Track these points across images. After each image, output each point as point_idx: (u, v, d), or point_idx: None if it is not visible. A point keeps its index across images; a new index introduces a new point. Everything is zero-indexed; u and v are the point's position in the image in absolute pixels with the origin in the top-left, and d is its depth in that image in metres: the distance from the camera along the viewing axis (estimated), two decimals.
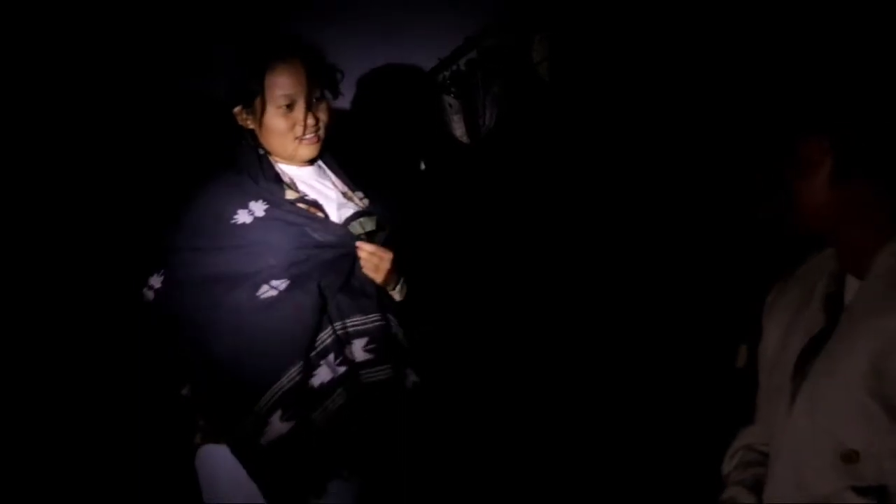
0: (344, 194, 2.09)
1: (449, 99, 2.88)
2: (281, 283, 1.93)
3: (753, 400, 1.68)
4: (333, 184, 2.11)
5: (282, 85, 1.98)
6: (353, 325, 1.96)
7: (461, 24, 2.86)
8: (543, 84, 2.81)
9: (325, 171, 2.12)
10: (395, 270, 2.03)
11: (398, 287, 2.06)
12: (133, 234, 2.32)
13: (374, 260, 1.99)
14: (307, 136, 2.01)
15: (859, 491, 1.38)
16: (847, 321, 1.46)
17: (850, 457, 1.40)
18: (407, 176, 2.89)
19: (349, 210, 2.07)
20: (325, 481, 1.92)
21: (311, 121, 2.00)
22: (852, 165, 1.44)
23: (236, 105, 2.02)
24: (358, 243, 2.00)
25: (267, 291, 1.92)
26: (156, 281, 1.98)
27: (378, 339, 1.96)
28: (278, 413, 1.88)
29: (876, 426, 1.38)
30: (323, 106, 2.03)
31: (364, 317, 1.97)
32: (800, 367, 1.52)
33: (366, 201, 2.10)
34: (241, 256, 1.94)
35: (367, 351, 1.95)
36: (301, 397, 1.89)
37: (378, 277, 2.00)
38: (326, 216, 2.03)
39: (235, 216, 1.97)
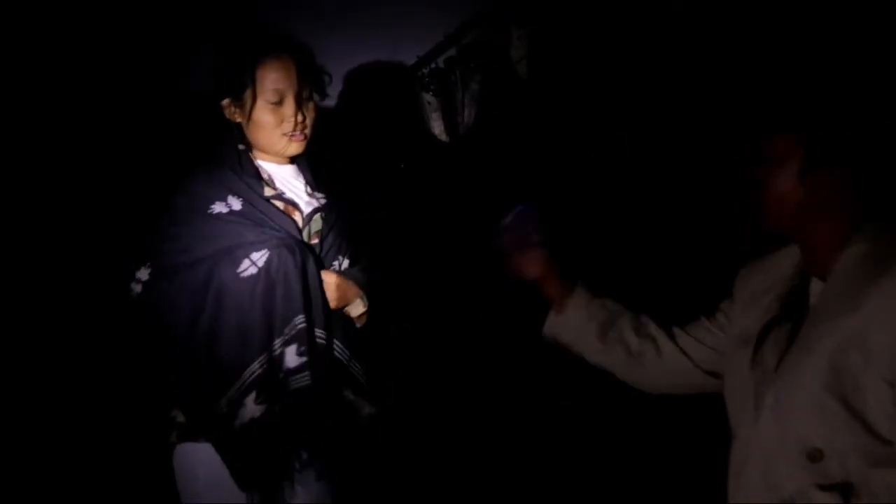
0: (309, 193, 2.11)
1: (428, 97, 2.88)
2: (260, 258, 1.94)
3: None
4: (305, 182, 2.12)
5: (272, 79, 1.99)
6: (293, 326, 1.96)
7: (440, 21, 2.86)
8: (522, 82, 2.81)
9: (300, 171, 2.13)
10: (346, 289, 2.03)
11: (358, 303, 2.05)
12: (118, 229, 2.29)
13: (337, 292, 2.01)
14: (295, 133, 2.02)
15: (824, 488, 1.40)
16: (810, 323, 1.49)
17: (814, 455, 1.42)
18: (385, 174, 2.88)
19: (311, 207, 2.09)
20: (291, 467, 1.93)
21: (299, 117, 2.01)
22: (820, 161, 1.47)
23: (224, 97, 2.03)
24: (324, 275, 2.01)
25: (248, 268, 1.93)
26: (143, 274, 1.98)
27: (306, 345, 1.95)
28: (252, 395, 1.89)
29: (835, 423, 1.40)
30: (311, 105, 2.05)
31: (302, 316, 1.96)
32: (769, 370, 1.55)
33: (322, 199, 2.11)
34: (219, 241, 1.96)
35: (299, 355, 1.94)
36: (274, 381, 1.91)
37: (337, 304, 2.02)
38: (302, 213, 2.06)
39: (212, 206, 1.99)
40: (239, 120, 2.04)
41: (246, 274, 1.93)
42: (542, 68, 2.78)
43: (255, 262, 1.94)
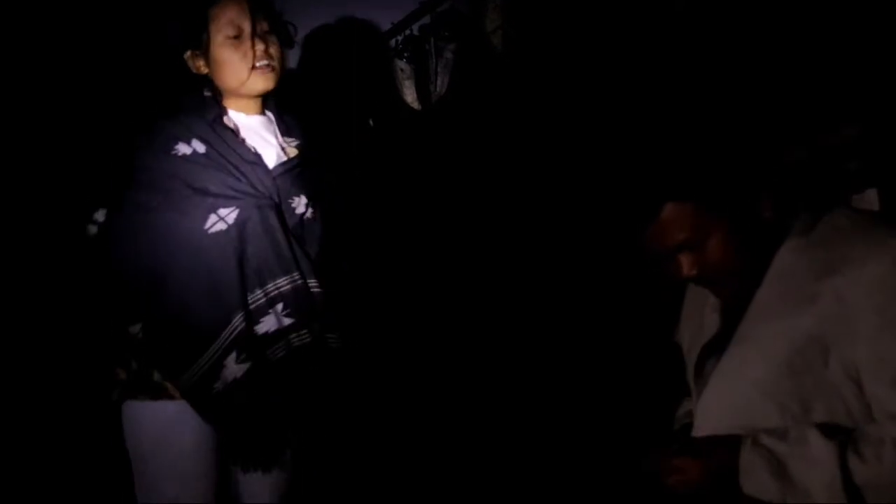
0: (282, 148, 2.07)
1: (401, 64, 2.87)
2: (228, 215, 1.91)
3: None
4: (275, 135, 2.08)
5: (226, 15, 1.96)
6: (275, 288, 1.94)
7: None
8: (495, 53, 2.81)
9: (271, 123, 2.09)
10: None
11: None
12: (75, 172, 2.21)
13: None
14: (260, 64, 1.98)
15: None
16: (750, 322, 1.49)
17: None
18: (355, 137, 2.87)
19: (281, 160, 2.04)
20: (282, 430, 1.91)
21: (260, 46, 1.97)
22: (745, 213, 1.47)
23: (186, 50, 2.00)
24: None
25: (216, 224, 1.90)
26: (100, 215, 1.94)
27: (295, 302, 1.94)
28: (233, 356, 1.87)
29: (787, 414, 1.43)
30: (273, 39, 2.01)
31: (288, 276, 1.95)
32: (699, 370, 1.59)
33: (295, 145, 2.08)
34: (182, 185, 1.92)
35: (286, 316, 1.93)
36: (254, 340, 1.88)
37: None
38: (265, 167, 2.00)
39: (176, 147, 1.95)
40: (205, 71, 2.01)
41: (214, 230, 1.90)
42: (516, 39, 2.78)
43: (223, 217, 1.90)
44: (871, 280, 1.37)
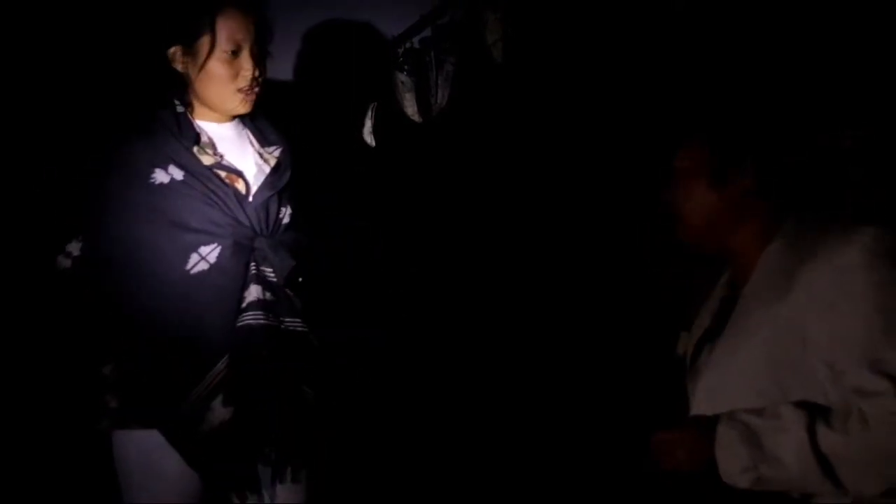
0: (260, 154, 2.04)
1: (401, 76, 2.86)
2: (211, 253, 1.88)
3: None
4: (251, 141, 2.05)
5: (232, 29, 1.92)
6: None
7: (416, 1, 2.84)
8: (496, 65, 2.80)
9: (244, 128, 2.06)
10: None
11: None
12: (45, 199, 2.15)
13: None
14: (247, 89, 1.95)
15: None
16: (738, 316, 1.57)
17: None
18: (357, 152, 2.87)
19: (264, 172, 2.01)
20: (263, 463, 1.90)
21: (256, 72, 1.94)
22: (728, 170, 1.57)
23: (175, 44, 1.94)
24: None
25: (198, 264, 1.87)
26: (73, 247, 1.91)
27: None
28: (220, 399, 1.85)
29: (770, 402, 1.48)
30: (264, 62, 1.99)
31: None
32: (693, 365, 1.66)
33: (277, 154, 2.05)
34: (163, 220, 1.88)
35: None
36: (239, 380, 1.87)
37: None
38: (246, 182, 1.97)
39: (154, 175, 1.90)
40: (187, 70, 1.95)
41: (196, 270, 1.87)
42: (517, 52, 2.78)
43: (204, 256, 1.88)
44: (839, 266, 1.45)
